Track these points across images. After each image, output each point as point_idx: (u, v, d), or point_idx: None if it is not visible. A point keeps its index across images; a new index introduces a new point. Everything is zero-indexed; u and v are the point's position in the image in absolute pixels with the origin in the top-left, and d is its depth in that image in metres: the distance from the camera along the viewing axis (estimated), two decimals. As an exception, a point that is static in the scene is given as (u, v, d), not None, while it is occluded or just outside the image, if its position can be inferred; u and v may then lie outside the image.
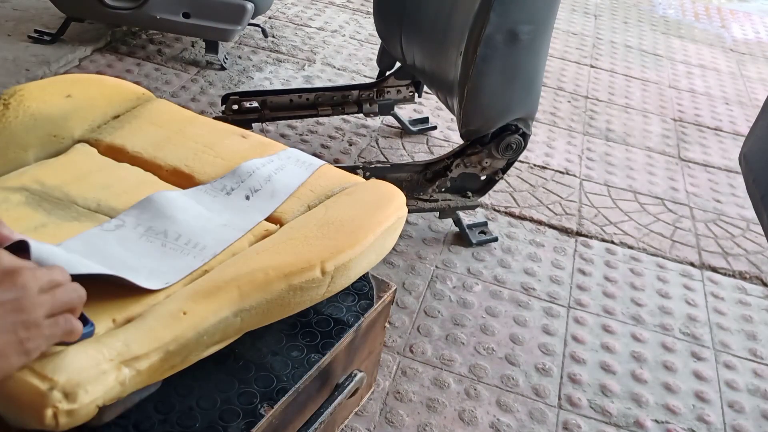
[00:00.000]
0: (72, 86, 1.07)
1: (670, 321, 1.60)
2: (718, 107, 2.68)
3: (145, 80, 2.19)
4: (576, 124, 2.38)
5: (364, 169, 1.58)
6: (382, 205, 0.97)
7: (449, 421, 1.27)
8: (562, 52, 2.91)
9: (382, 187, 1.04)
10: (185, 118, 1.13)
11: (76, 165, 0.97)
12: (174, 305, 0.74)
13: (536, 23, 1.44)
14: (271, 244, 0.87)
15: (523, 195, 1.96)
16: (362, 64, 2.51)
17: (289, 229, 0.91)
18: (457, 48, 1.50)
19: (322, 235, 0.88)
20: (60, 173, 0.94)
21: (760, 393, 1.44)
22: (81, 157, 1.00)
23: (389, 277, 1.56)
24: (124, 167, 1.00)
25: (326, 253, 0.84)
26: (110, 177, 0.96)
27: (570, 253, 1.76)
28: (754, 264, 1.83)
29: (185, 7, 2.17)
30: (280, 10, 2.83)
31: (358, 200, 0.99)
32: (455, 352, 1.42)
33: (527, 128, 1.60)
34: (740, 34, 3.47)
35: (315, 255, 0.84)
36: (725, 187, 2.16)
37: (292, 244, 0.86)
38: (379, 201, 0.98)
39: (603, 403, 1.36)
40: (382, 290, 1.07)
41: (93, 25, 2.38)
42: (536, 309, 1.57)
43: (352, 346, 1.01)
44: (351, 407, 1.20)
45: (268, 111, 1.90)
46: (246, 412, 0.82)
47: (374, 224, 0.92)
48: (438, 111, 2.29)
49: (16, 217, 0.84)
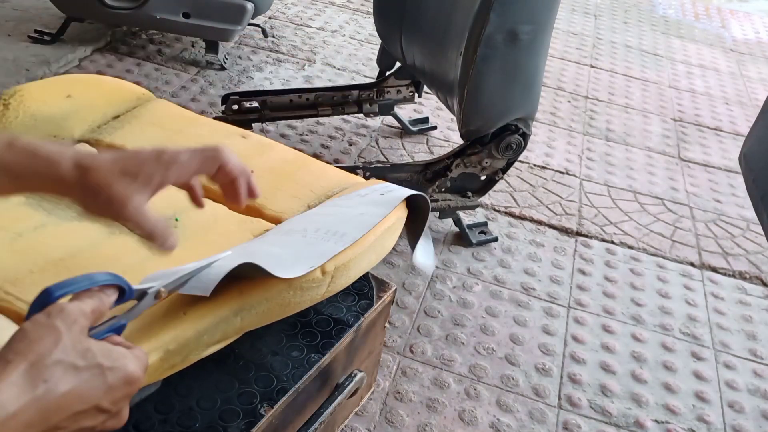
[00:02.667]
0: (72, 86, 1.07)
1: (670, 321, 1.60)
2: (718, 107, 2.68)
3: (145, 80, 2.19)
4: (576, 124, 2.38)
5: (364, 169, 1.58)
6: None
7: (449, 421, 1.27)
8: (562, 52, 2.91)
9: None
10: (185, 118, 1.13)
11: (76, 165, 0.97)
12: (174, 304, 0.74)
13: (536, 23, 1.44)
14: (271, 244, 0.87)
15: (523, 195, 1.96)
16: (362, 64, 2.51)
17: (289, 229, 0.91)
18: (457, 48, 1.50)
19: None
20: (60, 173, 0.94)
21: (760, 393, 1.44)
22: (81, 157, 1.00)
23: (389, 277, 1.56)
24: (124, 167, 0.99)
25: (326, 252, 0.84)
26: (110, 177, 0.96)
27: (570, 253, 1.76)
28: (754, 264, 1.83)
29: (185, 7, 2.17)
30: (280, 10, 2.83)
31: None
32: (455, 352, 1.42)
33: (527, 128, 1.60)
34: (740, 34, 3.47)
35: (315, 255, 0.83)
36: (725, 187, 2.16)
37: (292, 244, 0.86)
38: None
39: (603, 403, 1.36)
40: (382, 290, 1.07)
41: (93, 25, 2.38)
42: (536, 309, 1.57)
43: (352, 346, 1.01)
44: (351, 407, 1.20)
45: (268, 111, 1.90)
46: (246, 412, 0.82)
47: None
48: (438, 111, 2.29)
49: (16, 217, 0.84)
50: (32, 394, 0.47)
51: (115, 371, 0.52)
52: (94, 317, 0.55)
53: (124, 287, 0.60)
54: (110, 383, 0.52)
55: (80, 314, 0.53)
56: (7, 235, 0.82)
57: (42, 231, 0.83)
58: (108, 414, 0.53)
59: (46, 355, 0.49)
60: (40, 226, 0.84)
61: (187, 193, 0.74)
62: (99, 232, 0.85)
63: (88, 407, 0.50)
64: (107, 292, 0.58)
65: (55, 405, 0.48)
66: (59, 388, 0.48)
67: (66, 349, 0.50)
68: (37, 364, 0.48)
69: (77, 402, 0.49)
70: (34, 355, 0.48)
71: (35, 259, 0.81)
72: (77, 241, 0.84)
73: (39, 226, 0.84)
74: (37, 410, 0.47)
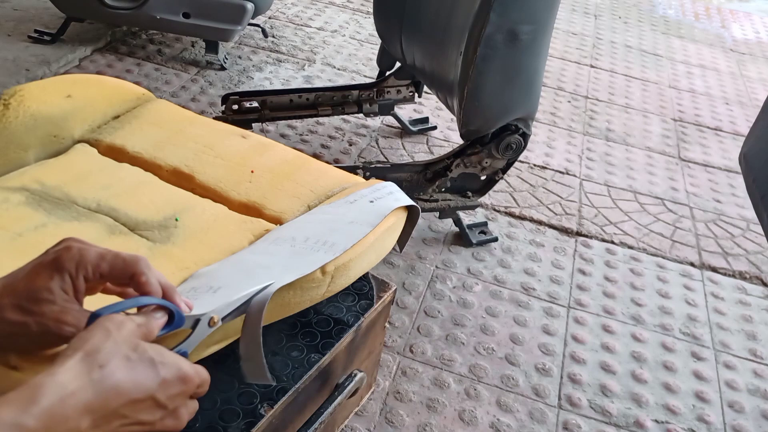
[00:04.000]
0: (72, 86, 1.07)
1: (670, 321, 1.60)
2: (718, 107, 2.68)
3: (145, 80, 2.19)
4: (576, 124, 2.38)
5: (364, 169, 1.58)
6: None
7: (449, 421, 1.27)
8: (562, 52, 2.91)
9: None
10: (185, 118, 1.13)
11: (76, 165, 0.97)
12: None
13: (536, 23, 1.44)
14: (271, 244, 0.87)
15: (523, 195, 1.96)
16: (362, 64, 2.51)
17: (289, 229, 0.91)
18: (457, 48, 1.50)
19: (323, 235, 0.87)
20: (60, 173, 0.94)
21: (760, 393, 1.44)
22: (81, 157, 1.00)
23: (389, 277, 1.56)
24: (124, 167, 1.00)
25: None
26: (110, 177, 0.96)
27: (570, 253, 1.76)
28: (754, 264, 1.83)
29: (185, 7, 2.17)
30: (280, 10, 2.83)
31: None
32: (455, 352, 1.42)
33: (527, 128, 1.60)
34: (740, 34, 3.47)
35: (315, 255, 0.83)
36: (725, 187, 2.16)
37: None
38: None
39: (603, 403, 1.36)
40: (382, 290, 1.07)
41: (93, 25, 2.38)
42: (536, 309, 1.57)
43: (352, 346, 1.01)
44: (351, 407, 1.20)
45: (268, 111, 1.90)
46: (246, 412, 0.82)
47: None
48: (438, 111, 2.29)
49: (16, 217, 0.84)
50: (89, 376, 0.49)
51: (168, 367, 0.54)
52: (142, 331, 0.56)
53: (173, 310, 0.61)
54: (163, 376, 0.54)
55: (127, 320, 0.55)
56: (7, 235, 0.82)
57: (42, 231, 0.83)
58: (165, 411, 0.54)
59: (100, 346, 0.51)
60: (40, 226, 0.84)
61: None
62: (99, 232, 0.86)
63: (145, 396, 0.52)
64: (155, 314, 0.60)
65: (112, 390, 0.50)
66: (115, 375, 0.51)
67: (117, 342, 0.52)
68: (92, 352, 0.51)
69: (133, 389, 0.51)
70: (90, 345, 0.51)
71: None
72: (77, 241, 0.84)
73: (39, 226, 0.84)
74: (95, 393, 0.49)
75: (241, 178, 1.00)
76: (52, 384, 0.48)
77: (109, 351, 0.51)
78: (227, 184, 0.99)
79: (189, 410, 0.57)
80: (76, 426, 0.48)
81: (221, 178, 1.00)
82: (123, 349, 0.52)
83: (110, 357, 0.51)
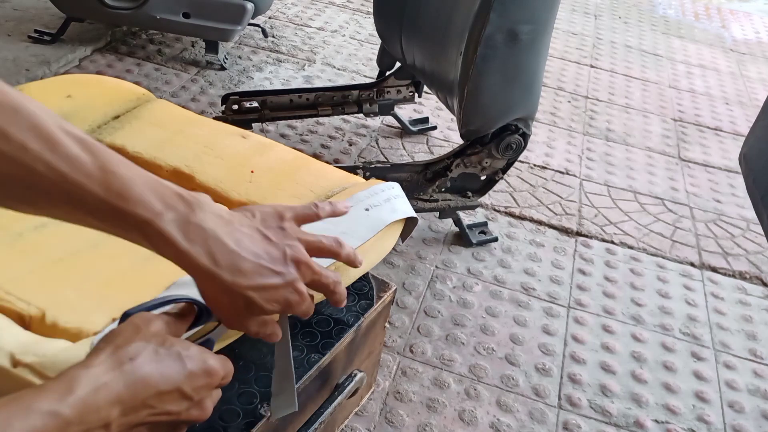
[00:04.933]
0: (72, 86, 1.07)
1: (670, 321, 1.60)
2: (718, 107, 2.68)
3: (145, 80, 2.19)
4: (576, 124, 2.38)
5: (364, 169, 1.58)
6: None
7: (449, 421, 1.27)
8: (562, 52, 2.91)
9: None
10: (185, 119, 1.13)
11: (76, 165, 0.97)
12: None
13: (536, 23, 1.44)
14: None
15: (523, 195, 1.96)
16: (362, 64, 2.51)
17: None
18: (457, 48, 1.50)
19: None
20: (60, 173, 0.94)
21: (760, 393, 1.44)
22: (81, 157, 0.99)
23: (389, 277, 1.56)
24: (124, 167, 0.99)
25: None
26: (110, 177, 0.96)
27: (570, 253, 1.76)
28: (754, 264, 1.83)
29: (185, 7, 2.17)
30: (280, 10, 2.83)
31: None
32: (455, 352, 1.42)
33: (527, 128, 1.60)
34: (740, 34, 3.47)
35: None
36: (725, 187, 2.16)
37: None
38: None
39: (603, 403, 1.36)
40: (382, 290, 1.07)
41: (93, 25, 2.38)
42: (536, 309, 1.57)
43: (352, 346, 1.01)
44: (351, 407, 1.20)
45: (268, 111, 1.90)
46: (246, 412, 0.82)
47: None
48: (438, 111, 2.29)
49: (16, 217, 0.84)
50: (120, 369, 0.52)
51: (194, 360, 0.56)
52: (169, 327, 0.59)
53: (201, 306, 0.63)
54: (190, 369, 0.56)
55: (155, 317, 0.58)
56: (7, 235, 0.82)
57: (42, 231, 0.83)
58: (191, 402, 0.56)
59: (129, 340, 0.55)
60: (40, 226, 0.84)
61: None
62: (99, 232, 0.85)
63: (172, 388, 0.54)
64: (183, 310, 0.63)
65: (141, 381, 0.52)
66: (144, 367, 0.53)
67: (146, 336, 0.55)
68: (122, 346, 0.54)
69: (161, 381, 0.54)
70: (120, 340, 0.55)
71: (35, 259, 0.81)
72: (77, 241, 0.84)
73: (39, 226, 0.84)
74: (125, 384, 0.51)
75: (241, 179, 1.00)
76: (86, 375, 0.50)
77: (139, 345, 0.54)
78: (227, 184, 0.99)
79: (213, 399, 0.60)
80: (107, 415, 0.50)
81: (221, 178, 1.00)
82: (152, 343, 0.55)
83: (139, 351, 0.54)
